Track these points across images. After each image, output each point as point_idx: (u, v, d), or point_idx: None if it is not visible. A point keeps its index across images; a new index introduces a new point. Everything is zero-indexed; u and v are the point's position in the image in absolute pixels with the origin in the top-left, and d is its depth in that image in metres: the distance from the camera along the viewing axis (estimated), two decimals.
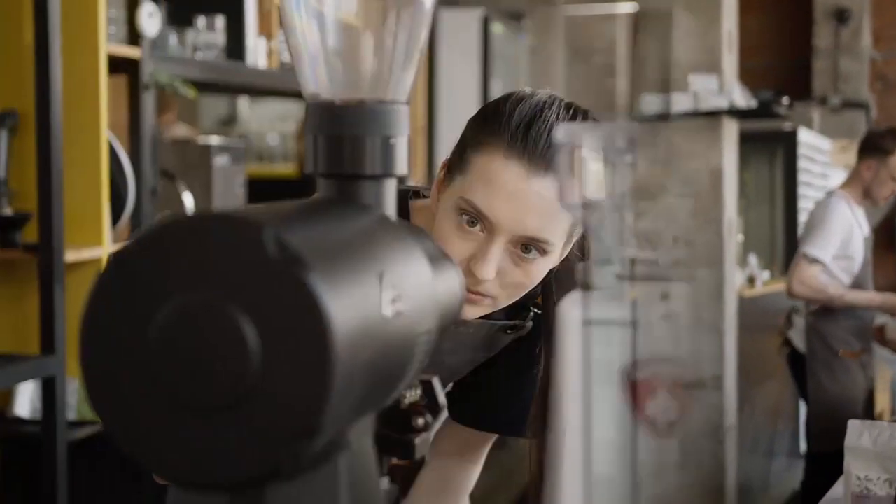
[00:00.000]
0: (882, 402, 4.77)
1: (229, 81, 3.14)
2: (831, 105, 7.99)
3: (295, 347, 0.60)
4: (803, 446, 5.10)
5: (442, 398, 0.94)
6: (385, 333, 0.67)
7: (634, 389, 0.67)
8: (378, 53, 0.80)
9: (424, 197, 1.41)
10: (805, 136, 7.02)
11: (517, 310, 1.39)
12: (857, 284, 4.28)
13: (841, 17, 9.30)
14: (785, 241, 6.87)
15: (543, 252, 1.25)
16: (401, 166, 0.80)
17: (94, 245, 2.44)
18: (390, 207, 0.80)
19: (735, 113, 4.98)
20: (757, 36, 8.62)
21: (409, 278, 0.72)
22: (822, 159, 7.56)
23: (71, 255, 2.35)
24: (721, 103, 5.03)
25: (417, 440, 0.83)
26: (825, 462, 4.02)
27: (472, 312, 1.29)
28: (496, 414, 1.44)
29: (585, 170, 0.72)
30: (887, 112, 9.91)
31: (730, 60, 5.18)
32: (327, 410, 0.60)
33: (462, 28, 5.38)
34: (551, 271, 1.32)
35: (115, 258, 0.62)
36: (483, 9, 5.34)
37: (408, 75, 0.81)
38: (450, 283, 0.84)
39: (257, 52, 3.18)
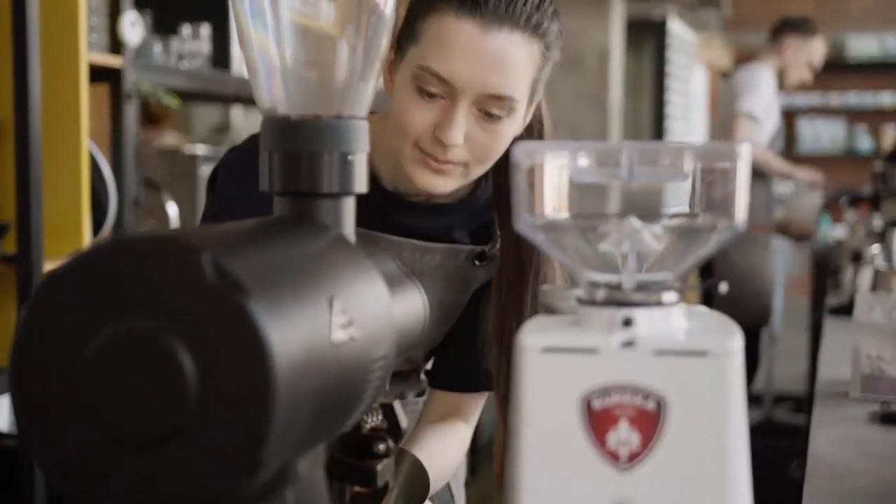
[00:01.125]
0: None
1: (214, 90, 3.11)
2: (687, 2, 7.98)
3: (234, 377, 0.57)
4: None
5: (404, 422, 0.91)
6: (335, 360, 0.64)
7: (594, 420, 0.64)
8: (335, 67, 0.77)
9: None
10: (675, 27, 6.94)
11: (483, 237, 1.38)
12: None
13: None
14: (652, 133, 6.83)
15: (509, 111, 1.23)
16: (360, 183, 0.77)
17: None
18: (349, 226, 0.77)
19: None
20: None
21: (364, 301, 0.69)
22: (688, 53, 7.54)
23: (50, 266, 2.32)
24: None
25: (379, 467, 0.80)
26: None
27: (446, 184, 1.26)
28: (480, 370, 1.40)
29: (547, 187, 0.69)
30: (739, 9, 9.93)
31: None
32: (269, 443, 0.57)
33: None
34: (506, 188, 1.29)
35: (49, 279, 0.59)
36: None
37: (367, 89, 0.79)
38: (409, 303, 0.81)
39: (243, 60, 3.14)
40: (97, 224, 2.51)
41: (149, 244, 0.58)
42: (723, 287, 0.65)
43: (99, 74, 2.56)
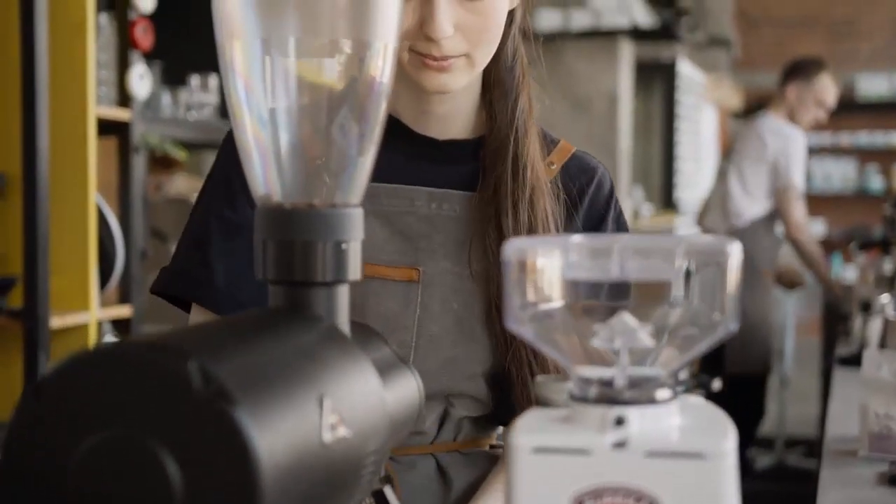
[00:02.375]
0: None
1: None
2: (696, 41, 8.00)
3: (220, 485, 0.56)
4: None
5: None
6: (325, 460, 0.63)
7: None
8: (330, 154, 0.77)
9: None
10: (684, 69, 6.95)
11: None
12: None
13: None
14: (662, 175, 6.82)
15: None
16: (354, 271, 0.77)
17: (82, 310, 2.41)
18: (342, 314, 0.77)
19: (636, 33, 4.98)
20: None
21: (355, 397, 0.69)
22: (697, 93, 7.55)
23: (57, 321, 2.32)
24: (621, 21, 5.03)
25: None
26: (741, 385, 4.03)
27: (454, 80, 1.19)
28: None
29: (537, 284, 0.69)
30: (749, 50, 9.97)
31: None
32: None
33: None
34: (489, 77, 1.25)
35: (36, 386, 0.59)
36: None
37: (362, 174, 0.78)
38: (404, 391, 0.81)
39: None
40: (104, 277, 2.52)
41: (136, 350, 0.58)
42: (716, 384, 0.65)
43: (107, 127, 2.58)
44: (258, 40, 0.75)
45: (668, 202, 6.79)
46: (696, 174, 7.66)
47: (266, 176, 0.77)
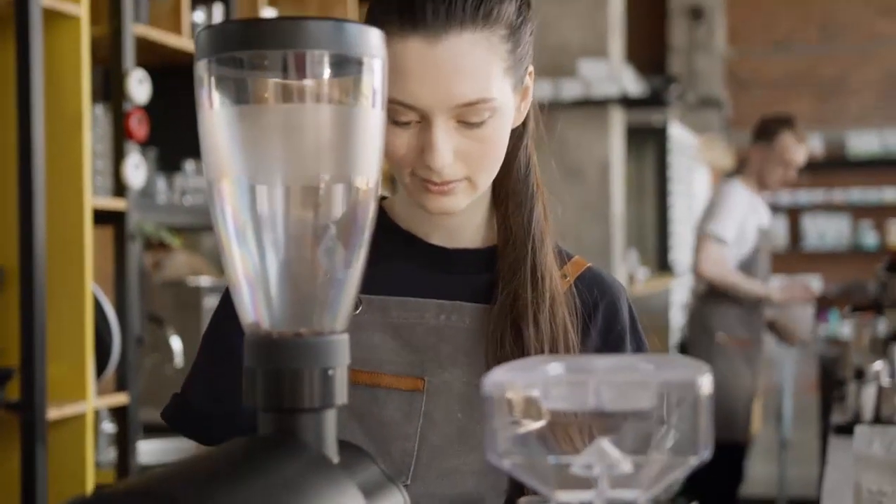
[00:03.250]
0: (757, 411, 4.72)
1: None
2: (687, 102, 8.04)
3: None
4: None
5: None
6: None
7: None
8: (315, 285, 0.80)
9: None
10: (675, 132, 7.00)
11: None
12: (743, 272, 4.32)
13: (695, 15, 9.42)
14: (656, 238, 6.84)
15: (491, 111, 1.15)
16: (340, 396, 0.79)
17: (79, 400, 2.43)
18: (330, 438, 0.79)
19: (626, 101, 5.02)
20: None
21: None
22: (690, 155, 7.59)
23: (54, 412, 2.34)
24: (611, 90, 5.08)
25: None
26: (719, 450, 3.99)
27: (455, 202, 1.18)
28: None
29: (518, 410, 0.71)
30: (740, 110, 10.06)
31: (617, 45, 5.20)
32: None
33: None
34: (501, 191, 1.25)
35: None
36: None
37: (346, 301, 0.81)
38: None
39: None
40: (101, 365, 2.54)
41: (121, 500, 0.60)
42: None
43: (103, 217, 2.61)
44: (245, 178, 0.78)
45: (663, 265, 6.82)
46: (690, 235, 7.70)
47: (254, 305, 0.80)
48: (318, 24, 0.76)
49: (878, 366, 3.02)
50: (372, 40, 0.78)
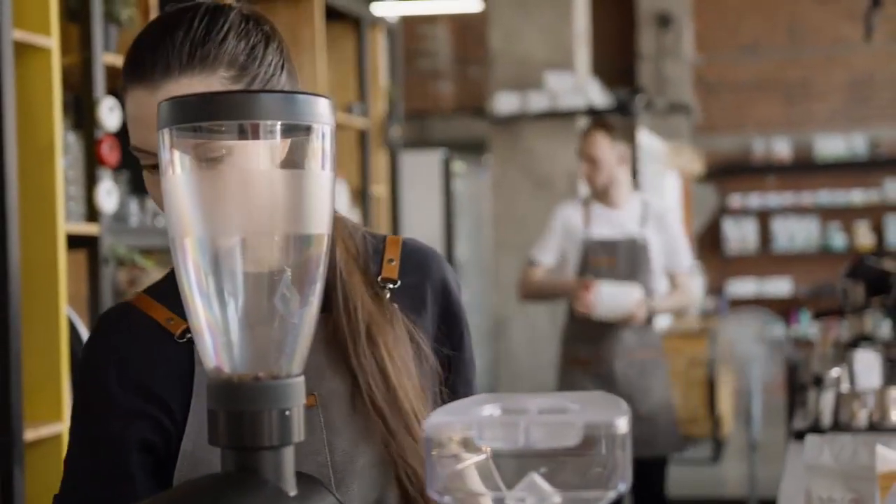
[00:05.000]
0: None
1: None
2: (656, 108, 8.10)
3: None
4: None
5: None
6: None
7: None
8: (271, 332, 0.87)
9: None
10: (644, 139, 7.08)
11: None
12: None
13: (663, 22, 9.54)
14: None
15: (227, 149, 1.11)
16: (298, 433, 0.86)
17: (54, 421, 2.48)
18: (288, 472, 0.85)
19: (593, 112, 5.07)
20: None
21: None
22: (660, 161, 7.68)
23: (30, 434, 2.39)
24: (578, 102, 5.13)
25: None
26: (640, 467, 3.95)
27: None
28: None
29: (455, 449, 0.79)
30: (709, 114, 10.21)
31: (583, 57, 5.27)
32: None
33: (424, 168, 5.54)
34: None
35: None
36: (444, 149, 5.49)
37: (301, 347, 0.88)
38: None
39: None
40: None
41: None
42: None
43: (76, 241, 2.67)
44: (206, 236, 0.85)
45: None
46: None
47: (216, 351, 0.87)
48: (270, 96, 0.83)
49: (836, 372, 3.09)
50: (320, 109, 0.85)
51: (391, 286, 1.33)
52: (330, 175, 0.87)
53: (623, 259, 4.11)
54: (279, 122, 0.84)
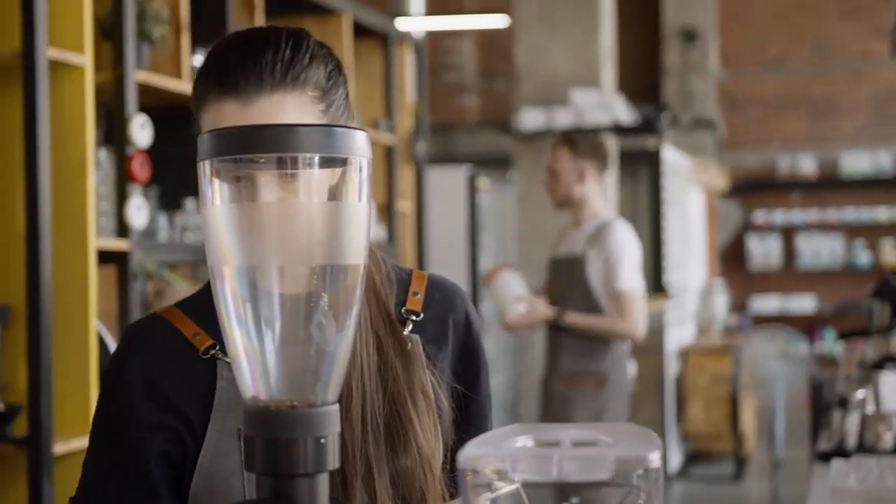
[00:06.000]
0: None
1: None
2: (682, 124, 8.06)
3: None
4: None
5: None
6: None
7: None
8: (309, 359, 0.88)
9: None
10: (668, 155, 7.07)
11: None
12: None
13: (688, 37, 9.50)
14: (651, 260, 6.90)
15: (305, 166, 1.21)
16: (332, 461, 0.87)
17: (83, 434, 2.51)
18: (322, 499, 0.87)
19: (618, 129, 5.03)
20: None
21: None
22: (684, 176, 7.66)
23: (60, 447, 2.42)
24: (603, 118, 5.11)
25: None
26: None
27: None
28: None
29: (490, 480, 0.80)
30: (734, 130, 10.16)
31: (609, 73, 5.26)
32: None
33: (449, 184, 5.55)
34: None
35: None
36: (469, 165, 5.49)
37: (337, 375, 0.89)
38: None
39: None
40: None
41: None
42: None
43: (106, 257, 2.70)
44: (244, 266, 0.87)
45: (657, 286, 6.91)
46: (685, 257, 7.78)
47: (253, 379, 0.88)
48: (309, 130, 0.85)
49: (862, 394, 3.08)
50: (357, 142, 0.87)
51: (414, 318, 1.33)
52: (366, 206, 0.89)
53: (563, 276, 4.03)
54: (317, 155, 0.85)
